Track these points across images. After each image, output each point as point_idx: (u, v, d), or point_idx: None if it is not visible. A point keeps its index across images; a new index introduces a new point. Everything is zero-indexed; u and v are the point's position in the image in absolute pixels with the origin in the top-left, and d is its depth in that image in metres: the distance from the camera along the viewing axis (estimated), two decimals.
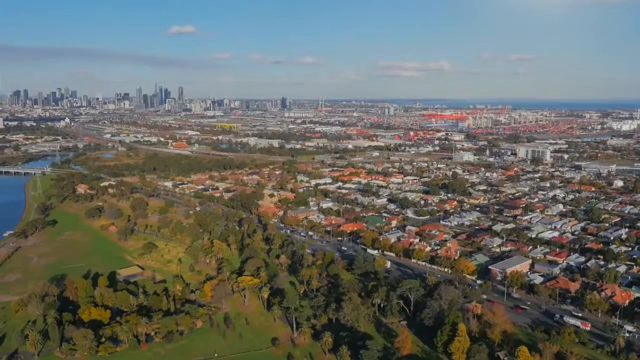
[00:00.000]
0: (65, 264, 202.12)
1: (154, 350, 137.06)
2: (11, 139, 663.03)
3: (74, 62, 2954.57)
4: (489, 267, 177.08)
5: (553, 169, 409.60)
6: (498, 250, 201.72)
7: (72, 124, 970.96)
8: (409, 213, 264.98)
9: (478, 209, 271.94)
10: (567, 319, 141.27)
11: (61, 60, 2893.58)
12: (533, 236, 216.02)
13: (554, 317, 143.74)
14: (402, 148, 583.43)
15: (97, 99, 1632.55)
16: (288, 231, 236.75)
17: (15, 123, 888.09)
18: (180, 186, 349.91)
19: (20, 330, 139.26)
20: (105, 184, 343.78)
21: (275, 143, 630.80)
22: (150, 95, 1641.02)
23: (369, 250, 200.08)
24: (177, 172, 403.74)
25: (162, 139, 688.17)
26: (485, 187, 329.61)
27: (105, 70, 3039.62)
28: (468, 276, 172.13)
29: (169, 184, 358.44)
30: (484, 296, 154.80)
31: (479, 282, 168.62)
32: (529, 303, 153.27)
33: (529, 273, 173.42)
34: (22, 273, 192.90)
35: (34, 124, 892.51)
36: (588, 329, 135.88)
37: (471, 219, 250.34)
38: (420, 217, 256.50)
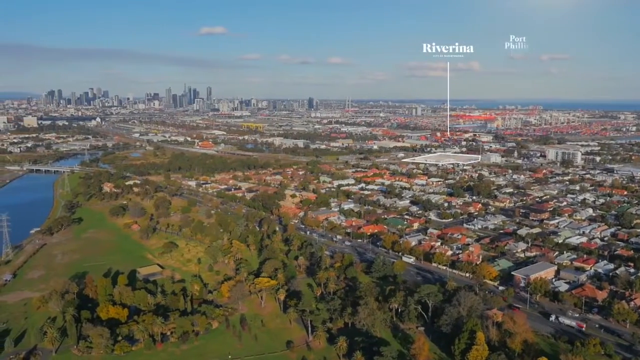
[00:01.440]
0: (88, 261, 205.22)
1: (169, 350, 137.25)
2: (44, 137, 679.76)
3: (106, 62, 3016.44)
4: (512, 272, 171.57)
5: (584, 172, 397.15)
6: (522, 255, 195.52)
7: (103, 123, 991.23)
8: (432, 215, 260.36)
9: (503, 212, 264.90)
10: (562, 319, 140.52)
11: (94, 61, 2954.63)
12: (560, 241, 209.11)
13: (549, 317, 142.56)
14: (428, 149, 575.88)
15: (128, 99, 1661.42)
16: (308, 232, 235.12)
17: (48, 122, 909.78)
18: (204, 186, 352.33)
19: (40, 327, 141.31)
20: (131, 182, 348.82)
21: (300, 143, 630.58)
22: (180, 95, 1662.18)
23: (405, 258, 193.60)
24: (201, 171, 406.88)
25: (189, 139, 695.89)
26: (511, 190, 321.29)
27: (137, 71, 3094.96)
28: (490, 282, 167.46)
29: (192, 183, 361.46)
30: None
31: (501, 288, 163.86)
32: (556, 309, 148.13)
33: (553, 280, 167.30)
34: (45, 270, 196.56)
35: (66, 123, 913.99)
36: (583, 329, 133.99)
37: (496, 222, 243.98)
38: (443, 220, 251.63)
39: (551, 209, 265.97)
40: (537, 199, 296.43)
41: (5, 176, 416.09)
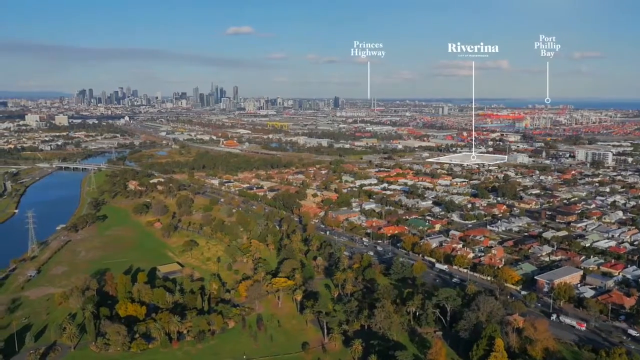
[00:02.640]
0: (110, 258, 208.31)
1: (185, 349, 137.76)
2: (74, 136, 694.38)
3: (136, 62, 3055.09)
4: (535, 277, 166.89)
5: (615, 173, 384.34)
6: (547, 259, 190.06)
7: (131, 121, 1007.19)
8: (454, 217, 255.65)
9: (528, 214, 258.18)
10: (563, 318, 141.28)
11: (124, 61, 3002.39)
12: (587, 245, 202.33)
13: (550, 317, 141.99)
14: (454, 149, 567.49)
15: (157, 97, 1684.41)
16: (327, 232, 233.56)
17: (79, 121, 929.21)
18: (226, 184, 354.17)
19: (59, 323, 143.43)
20: (155, 180, 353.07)
21: (325, 142, 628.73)
22: (207, 94, 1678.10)
23: (438, 265, 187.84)
24: (225, 170, 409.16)
25: (214, 137, 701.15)
26: (538, 191, 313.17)
27: (165, 70, 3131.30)
28: (512, 286, 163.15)
29: (215, 181, 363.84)
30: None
31: (523, 292, 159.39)
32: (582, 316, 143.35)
33: (579, 285, 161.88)
34: (69, 266, 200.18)
35: (96, 122, 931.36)
36: (583, 329, 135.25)
37: (520, 224, 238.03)
38: (466, 222, 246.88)
39: (579, 211, 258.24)
40: (565, 201, 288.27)
41: (36, 173, 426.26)
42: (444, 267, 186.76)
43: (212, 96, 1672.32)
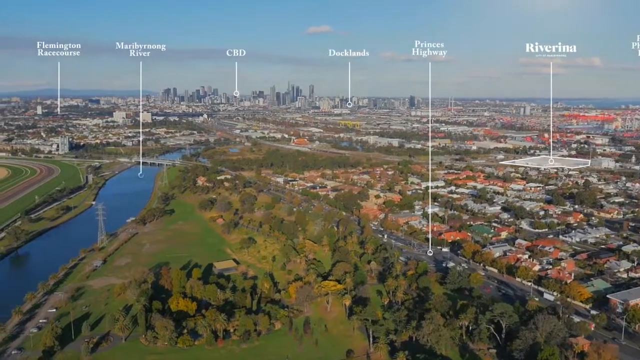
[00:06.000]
0: (171, 252, 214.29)
1: (229, 347, 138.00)
2: (155, 132, 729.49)
3: (217, 61, 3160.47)
4: (608, 295, 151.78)
5: None
6: (625, 276, 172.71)
7: (209, 119, 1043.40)
8: (524, 224, 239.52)
9: (608, 224, 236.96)
10: (572, 317, 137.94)
11: (206, 60, 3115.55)
12: None
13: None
14: (532, 151, 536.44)
15: (235, 96, 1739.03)
16: (385, 236, 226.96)
17: (161, 118, 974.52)
18: (291, 183, 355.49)
19: (114, 314, 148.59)
20: (222, 177, 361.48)
21: (395, 142, 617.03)
22: (283, 93, 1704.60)
23: (547, 295, 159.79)
24: (292, 168, 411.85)
25: (285, 135, 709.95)
26: (622, 199, 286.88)
27: (245, 69, 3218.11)
28: (580, 304, 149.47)
29: (280, 179, 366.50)
30: None
31: (593, 312, 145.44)
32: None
33: None
34: (132, 258, 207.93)
35: (177, 119, 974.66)
36: (592, 329, 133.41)
37: (597, 236, 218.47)
38: (536, 230, 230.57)
39: None
40: None
41: (116, 167, 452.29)
42: (551, 297, 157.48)
43: (288, 95, 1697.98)
